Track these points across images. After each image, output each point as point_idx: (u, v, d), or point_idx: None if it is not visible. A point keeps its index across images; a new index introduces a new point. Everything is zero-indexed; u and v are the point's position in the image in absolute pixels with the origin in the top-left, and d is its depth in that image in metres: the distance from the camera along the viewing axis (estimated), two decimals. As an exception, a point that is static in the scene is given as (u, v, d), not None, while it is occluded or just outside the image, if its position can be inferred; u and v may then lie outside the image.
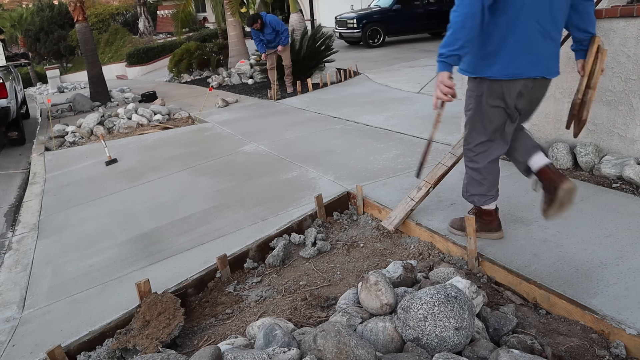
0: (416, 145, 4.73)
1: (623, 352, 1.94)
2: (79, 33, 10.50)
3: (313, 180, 4.18)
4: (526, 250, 2.65)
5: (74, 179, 5.50)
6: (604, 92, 3.54)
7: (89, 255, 3.56)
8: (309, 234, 3.26)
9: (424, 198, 3.17)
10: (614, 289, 2.24)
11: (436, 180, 3.19)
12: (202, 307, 2.77)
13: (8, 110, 7.56)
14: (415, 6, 14.10)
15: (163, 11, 27.25)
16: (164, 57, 18.32)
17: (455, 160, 3.24)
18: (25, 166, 6.93)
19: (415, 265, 2.44)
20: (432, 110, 2.39)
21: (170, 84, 13.26)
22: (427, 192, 3.17)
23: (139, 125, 7.88)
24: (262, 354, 1.67)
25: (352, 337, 1.69)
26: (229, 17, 11.88)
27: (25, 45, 26.69)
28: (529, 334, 1.99)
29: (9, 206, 5.43)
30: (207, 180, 4.67)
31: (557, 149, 3.75)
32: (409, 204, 3.17)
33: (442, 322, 1.75)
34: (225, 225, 3.61)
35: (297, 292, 2.65)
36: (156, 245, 3.51)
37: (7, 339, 2.71)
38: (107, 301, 2.88)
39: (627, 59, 3.35)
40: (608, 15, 3.40)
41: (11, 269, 3.58)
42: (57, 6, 26.64)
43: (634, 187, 3.26)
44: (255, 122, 6.87)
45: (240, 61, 11.69)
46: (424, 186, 3.20)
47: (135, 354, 2.29)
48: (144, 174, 5.19)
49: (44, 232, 4.17)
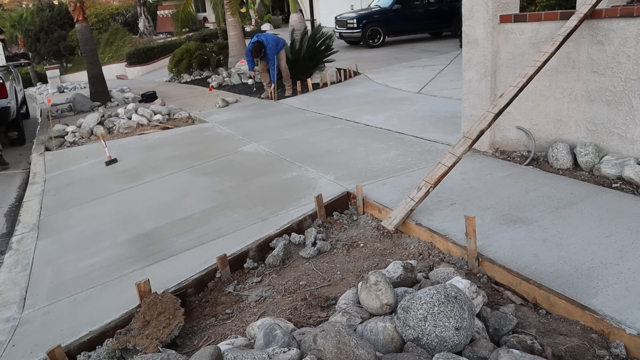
0: (416, 145, 4.73)
1: (623, 352, 1.94)
2: (79, 33, 10.49)
3: (313, 180, 4.18)
4: (526, 250, 2.65)
5: (74, 179, 5.50)
6: (604, 92, 3.54)
7: (89, 255, 3.56)
8: (309, 234, 3.26)
9: (424, 198, 3.18)
10: (614, 289, 2.24)
11: (436, 180, 3.19)
12: (202, 307, 2.77)
13: (8, 110, 7.55)
14: (415, 6, 14.09)
15: (163, 11, 27.25)
16: (164, 57, 18.30)
17: (455, 161, 3.24)
18: (25, 166, 6.93)
19: (415, 265, 2.44)
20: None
21: (170, 84, 13.25)
22: (427, 192, 3.17)
23: (139, 125, 7.88)
24: (262, 354, 1.67)
25: (352, 337, 1.69)
26: (229, 17, 11.87)
27: (25, 45, 26.69)
28: (529, 334, 1.99)
29: (9, 206, 5.42)
30: (207, 180, 4.67)
31: (557, 149, 3.75)
32: (409, 204, 3.17)
33: (442, 322, 1.75)
34: (225, 225, 3.61)
35: (297, 292, 2.65)
36: (156, 245, 3.51)
37: (7, 339, 2.71)
38: (107, 301, 2.88)
39: (627, 59, 3.35)
40: (608, 15, 3.40)
41: (11, 269, 3.58)
42: (57, 6, 26.63)
43: (634, 187, 3.26)
44: (255, 122, 6.87)
45: (240, 61, 11.68)
46: (424, 186, 3.20)
47: (135, 354, 2.29)
48: (144, 174, 5.19)
49: (44, 232, 4.17)
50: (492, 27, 3.94)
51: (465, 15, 4.15)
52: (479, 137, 3.32)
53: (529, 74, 3.42)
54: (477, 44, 4.09)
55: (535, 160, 3.92)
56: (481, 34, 4.02)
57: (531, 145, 3.97)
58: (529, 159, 3.90)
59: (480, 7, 3.98)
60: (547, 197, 3.25)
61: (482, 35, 4.02)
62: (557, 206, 3.11)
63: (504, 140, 4.18)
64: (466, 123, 4.35)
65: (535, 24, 3.78)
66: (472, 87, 4.23)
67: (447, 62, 9.56)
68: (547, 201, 3.20)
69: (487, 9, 3.92)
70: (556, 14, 3.69)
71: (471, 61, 4.19)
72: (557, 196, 3.25)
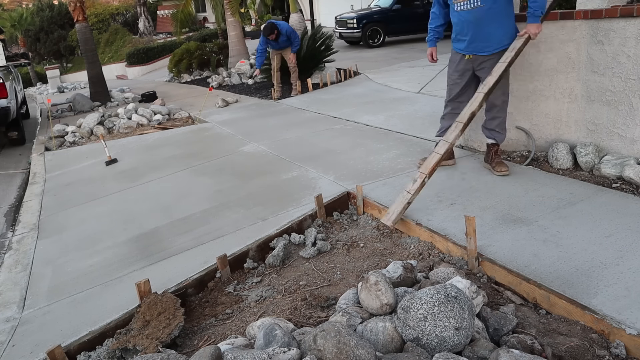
0: (416, 145, 4.73)
1: (623, 352, 1.94)
2: (79, 33, 10.50)
3: (313, 180, 4.18)
4: (526, 250, 2.65)
5: (74, 179, 5.50)
6: (604, 92, 3.54)
7: (89, 255, 3.56)
8: (309, 234, 3.26)
9: (420, 189, 3.15)
10: (614, 289, 2.24)
11: (431, 170, 3.17)
12: (202, 307, 2.77)
13: (8, 110, 7.56)
14: (415, 6, 14.09)
15: (163, 11, 27.26)
16: (164, 57, 18.32)
17: (448, 147, 3.22)
18: (25, 166, 6.93)
19: (415, 265, 2.44)
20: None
21: (170, 84, 13.26)
22: (422, 183, 3.14)
23: (139, 125, 7.88)
24: (262, 354, 1.67)
25: (352, 337, 1.69)
26: (229, 17, 11.88)
27: (25, 45, 26.71)
28: (529, 334, 1.99)
29: (9, 206, 5.43)
30: (207, 180, 4.67)
31: (557, 149, 3.75)
32: (405, 197, 3.15)
33: (442, 322, 1.75)
34: (225, 225, 3.61)
35: (297, 292, 2.65)
36: (156, 245, 3.51)
37: (7, 339, 2.71)
38: (107, 301, 2.88)
39: (627, 59, 3.35)
40: (608, 15, 3.40)
41: (11, 269, 3.58)
42: (57, 6, 26.65)
43: (634, 187, 3.26)
44: (255, 122, 6.87)
45: (240, 61, 11.69)
46: (419, 177, 3.18)
47: (135, 354, 2.29)
48: (144, 174, 5.19)
49: (44, 232, 4.17)
50: (492, 27, 3.93)
51: (465, 15, 4.15)
52: (471, 119, 3.36)
53: (516, 47, 3.47)
54: (477, 44, 4.08)
55: (535, 160, 3.92)
56: (481, 34, 4.01)
57: (531, 145, 3.97)
58: (529, 159, 3.90)
59: (480, 7, 3.97)
60: (547, 197, 3.25)
61: (482, 35, 4.01)
62: (557, 206, 3.11)
63: (504, 140, 4.18)
64: (466, 123, 4.35)
65: (535, 24, 3.77)
66: (472, 87, 4.23)
67: (447, 62, 9.55)
68: (547, 201, 3.20)
69: (487, 9, 3.91)
70: (556, 14, 3.69)
71: (471, 61, 4.18)
72: (557, 196, 3.25)
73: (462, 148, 4.41)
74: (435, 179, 3.76)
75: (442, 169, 3.95)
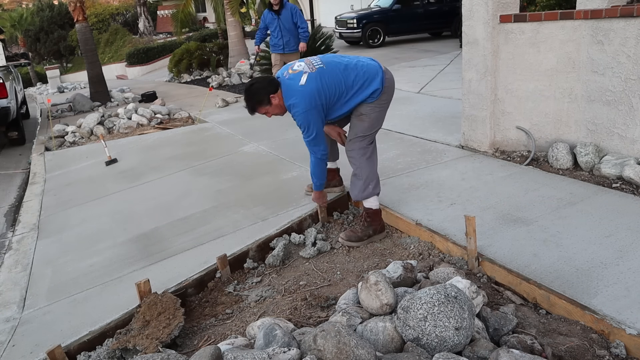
0: (416, 145, 4.73)
1: (623, 352, 1.94)
2: (79, 33, 10.50)
3: (313, 180, 4.17)
4: (526, 250, 2.65)
5: (74, 179, 5.50)
6: (604, 92, 3.54)
7: (89, 255, 3.56)
8: (309, 234, 3.26)
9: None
10: (614, 289, 2.24)
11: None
12: (202, 307, 2.77)
13: (8, 110, 7.55)
14: (415, 6, 14.08)
15: (163, 11, 27.26)
16: (164, 57, 18.33)
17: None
18: (25, 166, 6.93)
19: (415, 265, 2.44)
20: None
21: (170, 84, 13.25)
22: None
23: (139, 125, 7.88)
24: (262, 354, 1.67)
25: (352, 337, 1.69)
26: (229, 17, 11.87)
27: (25, 45, 26.71)
28: (529, 334, 1.99)
29: (9, 206, 5.43)
30: (207, 180, 4.66)
31: (557, 149, 3.75)
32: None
33: (442, 322, 1.75)
34: (225, 225, 3.61)
35: (297, 292, 2.65)
36: (156, 245, 3.51)
37: (7, 339, 2.71)
38: (107, 301, 2.88)
39: (627, 59, 3.36)
40: (608, 15, 3.40)
41: (11, 269, 3.58)
42: (57, 6, 26.65)
43: (634, 187, 3.26)
44: (255, 122, 6.85)
45: (240, 61, 11.69)
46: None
47: (135, 354, 2.29)
48: (144, 174, 5.19)
49: (44, 232, 4.17)
50: (492, 27, 3.94)
51: (465, 15, 4.15)
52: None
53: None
54: (477, 44, 4.09)
55: (535, 160, 3.92)
56: (481, 34, 4.02)
57: (531, 145, 3.97)
58: (529, 159, 3.90)
59: (480, 7, 3.98)
60: (547, 197, 3.25)
61: (482, 35, 4.02)
62: (557, 206, 3.11)
63: (504, 140, 4.18)
64: (466, 123, 4.35)
65: (535, 24, 3.78)
66: (472, 87, 4.23)
67: (447, 62, 9.55)
68: (547, 201, 3.20)
69: (487, 9, 3.92)
70: (556, 14, 3.69)
71: (471, 61, 4.19)
72: (557, 196, 3.25)
73: (462, 148, 4.41)
74: (435, 179, 3.77)
75: (443, 169, 3.95)
